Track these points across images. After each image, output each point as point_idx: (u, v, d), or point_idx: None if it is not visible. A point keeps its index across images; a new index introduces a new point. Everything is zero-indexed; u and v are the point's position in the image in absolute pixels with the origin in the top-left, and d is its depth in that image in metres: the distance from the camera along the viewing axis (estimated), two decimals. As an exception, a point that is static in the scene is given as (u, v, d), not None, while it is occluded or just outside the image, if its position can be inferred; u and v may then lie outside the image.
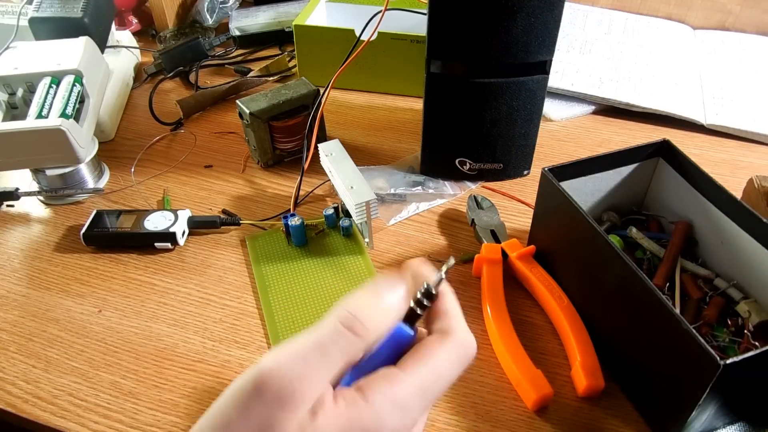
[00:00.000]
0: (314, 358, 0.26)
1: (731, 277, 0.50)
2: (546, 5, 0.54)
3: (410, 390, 0.27)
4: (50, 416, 0.47)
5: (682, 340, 0.38)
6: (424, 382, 0.27)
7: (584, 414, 0.46)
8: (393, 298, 0.29)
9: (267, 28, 0.93)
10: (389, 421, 0.26)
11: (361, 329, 0.27)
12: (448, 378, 0.28)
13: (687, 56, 0.85)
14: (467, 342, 0.29)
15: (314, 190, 0.67)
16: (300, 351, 0.26)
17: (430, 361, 0.28)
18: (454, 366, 0.29)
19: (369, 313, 0.27)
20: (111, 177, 0.70)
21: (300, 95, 0.67)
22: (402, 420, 0.26)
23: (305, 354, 0.26)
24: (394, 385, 0.26)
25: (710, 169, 0.51)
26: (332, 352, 0.26)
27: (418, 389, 0.27)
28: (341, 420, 0.25)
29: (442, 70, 0.60)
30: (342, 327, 0.27)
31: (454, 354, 0.29)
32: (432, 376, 0.27)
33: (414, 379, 0.27)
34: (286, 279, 0.57)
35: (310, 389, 0.25)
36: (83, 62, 0.65)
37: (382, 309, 0.28)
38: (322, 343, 0.26)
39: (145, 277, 0.58)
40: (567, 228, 0.51)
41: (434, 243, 0.61)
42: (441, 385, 0.28)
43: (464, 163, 0.66)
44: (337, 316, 0.27)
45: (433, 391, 0.28)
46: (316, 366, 0.25)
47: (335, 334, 0.26)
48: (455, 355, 0.29)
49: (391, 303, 0.28)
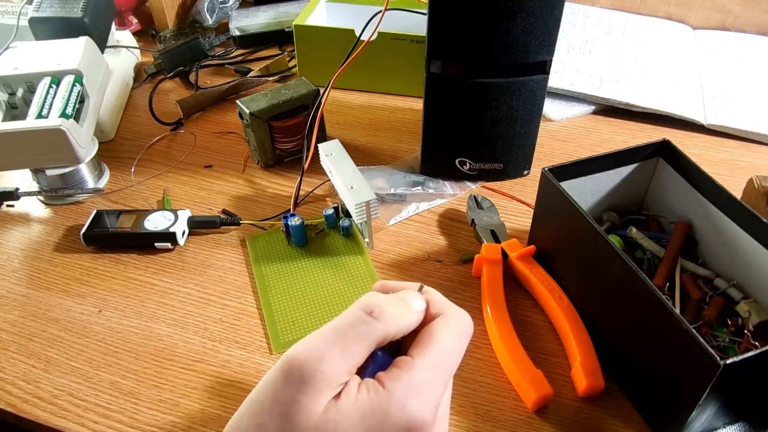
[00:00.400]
0: (333, 340, 0.27)
1: (731, 277, 0.50)
2: (546, 5, 0.54)
3: (423, 371, 0.28)
4: (50, 416, 0.47)
5: (682, 340, 0.38)
6: (434, 360, 0.29)
7: (584, 414, 0.46)
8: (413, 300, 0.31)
9: (267, 28, 0.93)
10: (410, 404, 0.27)
11: (378, 313, 0.29)
12: (455, 351, 0.30)
13: (687, 56, 0.85)
14: (462, 315, 0.32)
15: (314, 190, 0.67)
16: (320, 335, 0.28)
17: (434, 340, 0.30)
18: (457, 339, 0.31)
19: (388, 303, 0.30)
20: (111, 177, 0.70)
21: (300, 95, 0.67)
22: (423, 399, 0.28)
23: (325, 337, 0.28)
24: (408, 370, 0.28)
25: (710, 169, 0.51)
26: (350, 334, 0.28)
27: (429, 369, 0.29)
28: (364, 405, 0.26)
29: (442, 70, 0.60)
30: (360, 311, 0.29)
31: (453, 328, 0.31)
32: (440, 353, 0.29)
33: (424, 361, 0.29)
34: (286, 279, 0.57)
35: (331, 369, 0.27)
36: (83, 62, 0.65)
37: (401, 303, 0.31)
38: (341, 327, 0.28)
39: (145, 277, 0.58)
40: (567, 228, 0.51)
41: (434, 243, 0.61)
42: (451, 359, 0.30)
43: (464, 163, 0.66)
44: (356, 304, 0.29)
45: (445, 366, 0.30)
46: (336, 347, 0.27)
47: (353, 318, 0.28)
48: (455, 329, 0.31)
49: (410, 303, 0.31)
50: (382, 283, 0.34)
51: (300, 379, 0.26)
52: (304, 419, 0.25)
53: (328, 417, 0.26)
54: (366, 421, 0.26)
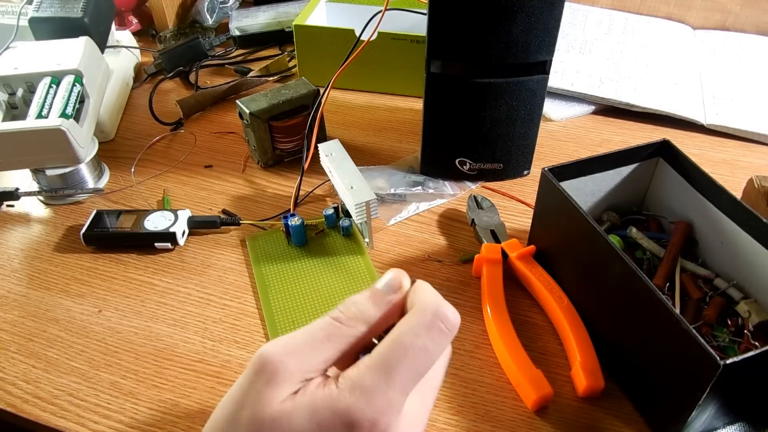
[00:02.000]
0: (301, 338, 0.28)
1: (731, 277, 0.50)
2: (546, 5, 0.54)
3: (372, 370, 0.27)
4: (50, 416, 0.47)
5: (682, 340, 0.38)
6: (385, 359, 0.27)
7: (584, 414, 0.46)
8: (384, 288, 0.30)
9: (267, 28, 0.93)
10: (353, 403, 0.26)
11: (344, 318, 0.29)
12: (418, 347, 0.27)
13: (687, 56, 0.85)
14: (433, 306, 0.28)
15: (314, 190, 0.67)
16: (291, 334, 0.29)
17: (391, 337, 0.28)
18: (420, 333, 0.28)
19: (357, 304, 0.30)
20: (111, 177, 0.70)
21: (300, 95, 0.67)
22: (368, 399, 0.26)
23: (294, 336, 0.29)
24: (358, 367, 0.27)
25: (710, 169, 0.51)
26: (318, 334, 0.29)
27: (379, 368, 0.27)
28: (315, 400, 0.27)
29: (442, 70, 0.60)
30: (329, 317, 0.29)
31: (415, 321, 0.28)
32: (394, 350, 0.27)
33: (374, 359, 0.27)
34: (286, 279, 0.57)
35: (294, 364, 0.27)
36: (83, 62, 0.65)
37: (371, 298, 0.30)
38: (311, 328, 0.29)
39: (145, 277, 0.58)
40: (567, 228, 0.51)
41: (434, 243, 0.61)
42: (411, 357, 0.27)
43: (464, 163, 0.66)
44: (329, 312, 0.30)
45: (403, 365, 0.27)
46: (303, 345, 0.28)
47: (322, 322, 0.29)
48: (418, 323, 0.28)
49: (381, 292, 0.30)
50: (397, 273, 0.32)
51: (264, 371, 0.27)
52: (265, 409, 0.27)
53: (283, 408, 0.27)
54: (315, 415, 0.26)
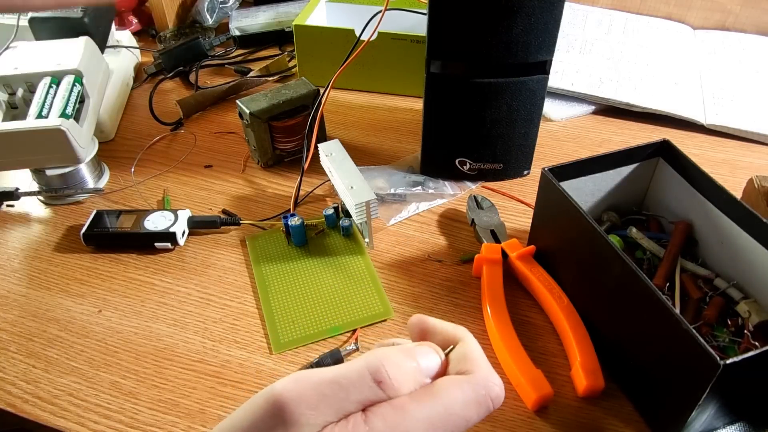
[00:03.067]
0: (331, 395, 0.25)
1: (731, 277, 0.50)
2: (546, 5, 0.54)
3: (416, 422, 0.25)
4: (50, 416, 0.47)
5: (682, 340, 0.38)
6: (433, 417, 0.26)
7: (584, 414, 0.46)
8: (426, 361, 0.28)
9: (267, 28, 0.93)
10: None
11: (386, 383, 0.26)
12: (463, 418, 0.27)
13: (687, 56, 0.85)
14: (488, 381, 0.28)
15: (314, 190, 0.67)
16: (320, 384, 0.26)
17: (442, 396, 0.27)
18: (471, 406, 0.27)
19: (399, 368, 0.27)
20: (111, 177, 0.70)
21: (300, 95, 0.67)
22: None
23: (324, 388, 0.26)
24: (400, 412, 0.25)
25: (710, 169, 0.51)
26: (351, 395, 0.26)
27: (424, 422, 0.26)
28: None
29: (442, 70, 0.60)
30: (368, 374, 0.26)
31: (470, 393, 0.27)
32: (443, 413, 0.26)
33: (422, 411, 0.26)
34: (286, 279, 0.57)
35: (317, 419, 0.25)
36: (83, 62, 0.65)
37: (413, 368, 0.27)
38: (344, 384, 0.26)
39: (145, 277, 0.58)
40: (567, 228, 0.51)
41: (434, 243, 0.61)
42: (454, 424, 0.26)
43: (464, 163, 0.66)
44: (366, 361, 0.26)
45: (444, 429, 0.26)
46: (330, 402, 0.25)
47: (359, 379, 0.26)
48: (472, 395, 0.27)
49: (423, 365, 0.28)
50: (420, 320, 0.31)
51: (283, 418, 0.25)
52: None
53: None
54: None
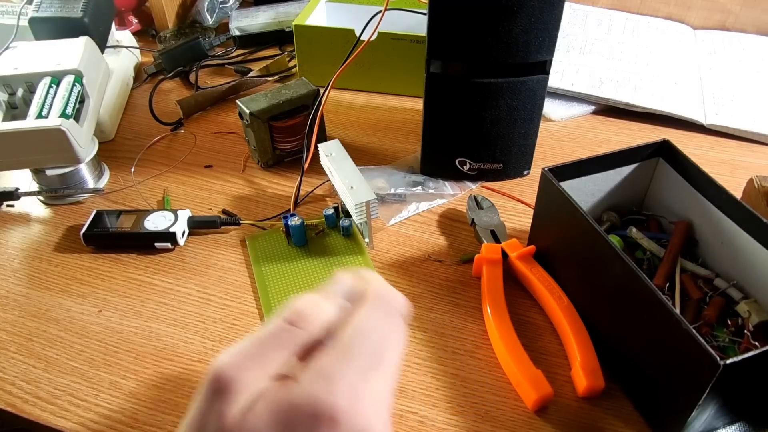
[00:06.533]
0: (253, 350, 0.27)
1: (731, 277, 0.50)
2: (546, 5, 0.54)
3: (332, 357, 0.27)
4: (50, 416, 0.47)
5: (682, 340, 0.38)
6: (345, 345, 0.27)
7: (584, 414, 0.46)
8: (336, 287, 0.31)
9: (267, 28, 0.93)
10: (318, 393, 0.25)
11: (301, 321, 0.28)
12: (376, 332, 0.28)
13: (687, 56, 0.85)
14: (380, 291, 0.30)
15: (314, 190, 0.67)
16: (242, 345, 0.28)
17: (347, 321, 0.28)
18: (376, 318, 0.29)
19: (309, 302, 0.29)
20: (111, 177, 0.70)
21: (300, 95, 0.67)
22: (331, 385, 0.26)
23: (245, 348, 0.28)
24: (315, 356, 0.27)
25: (710, 169, 0.51)
26: (270, 342, 0.28)
27: (339, 353, 0.27)
28: (274, 400, 0.26)
29: (442, 70, 0.60)
30: (282, 320, 0.28)
31: (370, 307, 0.29)
32: (353, 336, 0.28)
33: (333, 346, 0.27)
34: (286, 279, 0.57)
35: (249, 377, 0.26)
36: (83, 62, 0.65)
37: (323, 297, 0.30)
38: (262, 336, 0.28)
39: (145, 277, 0.58)
40: (567, 228, 0.51)
41: (434, 243, 0.61)
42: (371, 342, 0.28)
43: (464, 163, 0.66)
44: (278, 314, 0.29)
45: (362, 350, 0.27)
46: (255, 357, 0.27)
47: (275, 328, 0.28)
48: (373, 308, 0.29)
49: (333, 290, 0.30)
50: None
51: (220, 389, 0.26)
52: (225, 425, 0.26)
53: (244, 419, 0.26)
54: (276, 415, 0.25)
